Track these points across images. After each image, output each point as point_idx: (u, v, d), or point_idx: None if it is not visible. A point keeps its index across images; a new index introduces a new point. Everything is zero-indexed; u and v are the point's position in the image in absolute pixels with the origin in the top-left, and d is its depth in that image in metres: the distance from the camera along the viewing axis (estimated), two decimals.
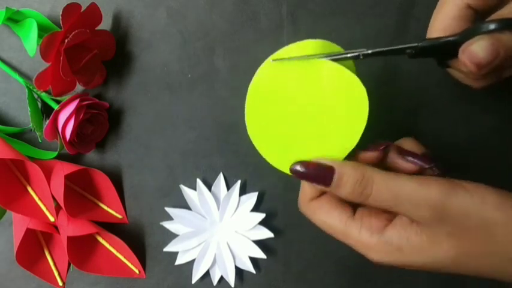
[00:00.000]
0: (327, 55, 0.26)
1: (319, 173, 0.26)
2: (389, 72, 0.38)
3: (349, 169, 0.25)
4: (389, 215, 0.27)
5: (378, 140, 0.28)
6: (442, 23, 0.28)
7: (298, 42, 0.27)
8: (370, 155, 0.27)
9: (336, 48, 0.27)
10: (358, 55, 0.26)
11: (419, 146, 0.29)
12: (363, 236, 0.26)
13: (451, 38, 0.27)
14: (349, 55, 0.26)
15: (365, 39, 0.38)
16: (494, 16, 0.26)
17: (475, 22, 0.28)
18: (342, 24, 0.38)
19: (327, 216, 0.27)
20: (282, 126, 0.27)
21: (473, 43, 0.25)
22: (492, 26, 0.25)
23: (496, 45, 0.25)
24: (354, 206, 0.28)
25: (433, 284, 0.39)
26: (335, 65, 0.26)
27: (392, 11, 0.38)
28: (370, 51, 0.26)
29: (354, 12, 0.38)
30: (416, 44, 0.27)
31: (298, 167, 0.27)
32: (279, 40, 0.39)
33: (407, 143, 0.29)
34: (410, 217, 0.25)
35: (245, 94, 0.29)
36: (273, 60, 0.26)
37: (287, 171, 0.28)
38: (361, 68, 0.28)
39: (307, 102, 0.27)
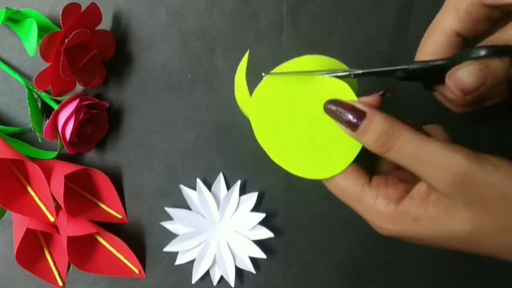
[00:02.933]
0: (321, 72, 0.27)
1: (351, 114, 0.26)
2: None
3: (380, 118, 0.25)
4: (406, 185, 0.26)
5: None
6: (430, 50, 0.29)
7: (298, 58, 0.28)
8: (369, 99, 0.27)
9: (335, 62, 0.28)
10: (349, 74, 0.27)
11: (446, 136, 0.28)
12: (379, 204, 0.25)
13: (440, 62, 0.27)
14: (339, 74, 0.27)
15: (365, 39, 0.38)
16: (485, 42, 0.27)
17: (465, 48, 0.29)
18: (342, 24, 0.38)
19: (342, 179, 0.27)
20: (287, 132, 0.28)
21: (460, 68, 0.25)
22: (482, 52, 0.25)
23: (484, 71, 0.25)
24: (370, 175, 0.27)
25: (433, 284, 0.39)
26: (329, 78, 0.27)
27: (392, 11, 0.38)
28: (360, 72, 0.27)
29: (353, 12, 0.38)
30: (406, 67, 0.27)
31: (332, 106, 0.27)
32: (279, 40, 0.39)
33: (434, 130, 0.28)
34: (429, 180, 0.24)
35: None
36: (271, 73, 0.28)
37: (294, 171, 0.28)
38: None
39: (309, 113, 0.28)
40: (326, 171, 0.27)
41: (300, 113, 0.28)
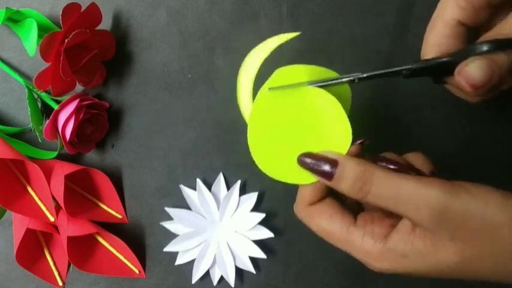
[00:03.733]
0: (322, 81, 0.27)
1: (324, 164, 0.26)
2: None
3: (352, 164, 0.25)
4: (391, 220, 0.26)
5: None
6: (435, 41, 0.29)
7: (291, 66, 0.28)
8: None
9: (328, 72, 0.28)
10: (353, 79, 0.27)
11: (428, 163, 0.28)
12: (366, 244, 0.26)
13: (444, 59, 0.27)
14: (344, 79, 0.27)
15: (365, 39, 0.38)
16: (485, 37, 0.27)
17: (468, 41, 0.29)
18: (342, 24, 0.38)
19: (327, 222, 0.27)
20: (280, 143, 0.28)
21: (468, 64, 0.25)
22: (485, 48, 0.25)
23: (492, 65, 0.25)
24: (354, 213, 0.28)
25: (433, 285, 0.39)
26: (321, 91, 0.27)
27: (392, 11, 0.38)
28: (365, 75, 0.27)
29: (354, 12, 0.38)
30: (410, 66, 0.27)
31: (305, 158, 0.27)
32: None
33: (415, 158, 0.28)
34: (410, 218, 0.24)
35: None
36: (269, 88, 0.28)
37: (286, 180, 0.28)
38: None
39: (301, 124, 0.28)
40: (306, 178, 0.28)
41: (291, 122, 0.28)
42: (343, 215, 0.27)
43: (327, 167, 0.26)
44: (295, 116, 0.28)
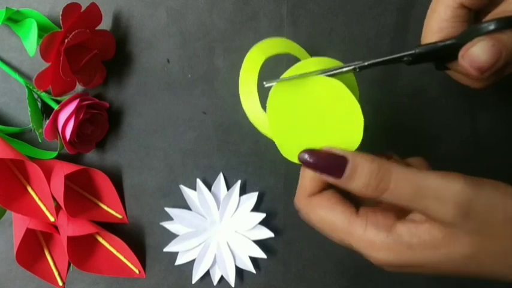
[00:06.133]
0: (325, 71, 0.27)
1: (330, 163, 0.24)
2: (390, 72, 0.38)
3: (364, 160, 0.23)
4: (395, 214, 0.25)
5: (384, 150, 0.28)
6: (436, 25, 0.27)
7: (300, 63, 0.28)
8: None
9: (334, 62, 0.28)
10: (355, 68, 0.26)
11: (428, 168, 0.27)
12: (369, 234, 0.24)
13: (448, 42, 0.26)
14: (345, 69, 0.26)
15: (365, 39, 0.38)
16: (492, 15, 0.25)
17: (471, 22, 0.27)
18: (342, 24, 0.38)
19: (328, 212, 0.26)
20: (297, 131, 0.27)
21: (472, 46, 0.24)
22: (492, 26, 0.24)
23: (498, 46, 0.24)
24: (357, 205, 0.26)
25: (433, 284, 0.39)
26: (329, 79, 0.27)
27: (392, 11, 0.38)
28: (366, 63, 0.26)
29: (354, 12, 0.38)
30: (413, 51, 0.26)
31: (307, 156, 0.25)
32: None
33: (416, 163, 0.27)
34: (432, 214, 0.23)
35: None
36: (280, 79, 0.27)
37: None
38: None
39: (315, 113, 0.27)
40: None
41: (306, 111, 0.27)
42: (344, 206, 0.26)
43: (334, 165, 0.24)
44: (309, 106, 0.27)
